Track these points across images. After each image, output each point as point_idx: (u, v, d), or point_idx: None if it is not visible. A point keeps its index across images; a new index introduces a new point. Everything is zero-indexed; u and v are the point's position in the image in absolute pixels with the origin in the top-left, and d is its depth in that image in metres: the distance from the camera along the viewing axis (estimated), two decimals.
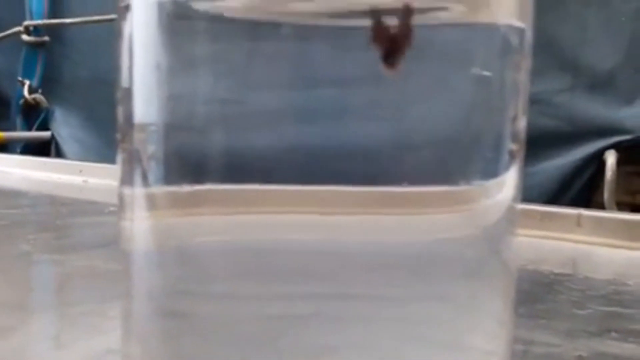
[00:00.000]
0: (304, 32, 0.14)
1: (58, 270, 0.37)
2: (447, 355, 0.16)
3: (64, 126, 1.12)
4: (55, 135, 1.13)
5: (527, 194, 0.20)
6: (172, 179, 0.15)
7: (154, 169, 0.15)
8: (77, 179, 0.63)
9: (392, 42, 0.14)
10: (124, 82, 0.16)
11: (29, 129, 1.14)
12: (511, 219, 0.16)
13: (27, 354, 0.25)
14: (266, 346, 0.15)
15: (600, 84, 0.73)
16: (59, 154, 1.11)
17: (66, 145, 1.11)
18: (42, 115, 1.14)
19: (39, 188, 0.62)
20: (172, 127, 0.15)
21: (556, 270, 0.39)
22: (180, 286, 0.15)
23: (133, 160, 0.15)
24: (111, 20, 0.16)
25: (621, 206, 0.73)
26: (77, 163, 0.73)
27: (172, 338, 0.15)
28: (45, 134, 1.12)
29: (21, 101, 1.13)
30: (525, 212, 0.42)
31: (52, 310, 0.31)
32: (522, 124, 0.17)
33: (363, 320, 0.15)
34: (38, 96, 1.13)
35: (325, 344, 0.15)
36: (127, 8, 0.16)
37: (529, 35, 0.17)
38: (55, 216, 0.53)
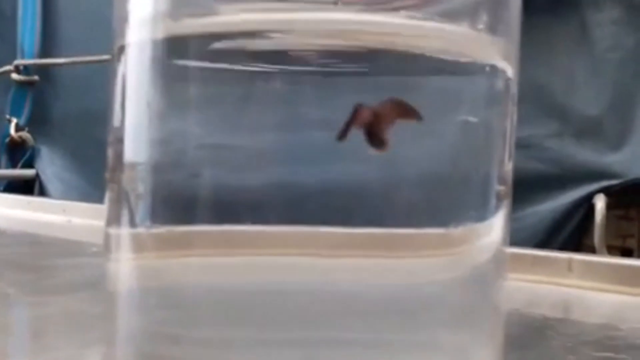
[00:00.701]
0: (293, 77, 0.15)
1: (38, 313, 0.36)
2: None
3: (49, 165, 1.11)
4: (40, 173, 1.12)
5: (517, 237, 0.20)
6: (160, 220, 0.15)
7: (142, 209, 0.15)
8: (60, 219, 0.63)
9: (373, 126, 0.14)
10: (116, 121, 0.16)
11: (14, 166, 1.13)
12: (500, 262, 0.16)
13: None
14: None
15: (588, 130, 0.74)
16: (43, 192, 1.10)
17: (50, 184, 1.10)
18: (28, 153, 1.13)
19: (21, 227, 0.61)
20: (162, 167, 0.15)
21: (547, 315, 0.38)
22: (165, 330, 0.15)
23: (121, 200, 0.16)
24: (102, 61, 0.17)
25: (611, 250, 0.73)
26: (61, 202, 0.72)
27: None
28: (30, 171, 1.11)
29: (7, 139, 1.12)
30: (516, 256, 0.42)
31: (31, 356, 0.30)
32: (509, 167, 0.17)
33: None
34: (24, 134, 1.13)
35: None
36: (122, 49, 0.16)
37: (514, 80, 0.17)
38: (37, 256, 0.53)
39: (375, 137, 0.14)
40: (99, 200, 0.17)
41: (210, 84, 0.15)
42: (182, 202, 0.15)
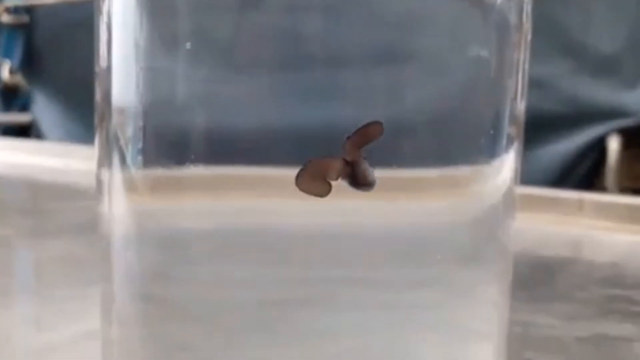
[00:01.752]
0: (293, 5, 0.14)
1: (38, 254, 0.37)
2: (442, 338, 0.16)
3: (45, 109, 1.10)
4: (36, 118, 1.11)
5: (529, 178, 0.20)
6: (152, 162, 0.15)
7: (133, 152, 0.15)
8: (58, 162, 0.63)
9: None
10: (102, 61, 0.16)
11: (8, 112, 1.12)
12: (509, 202, 0.16)
13: (8, 338, 0.25)
14: (253, 331, 0.15)
15: (604, 68, 0.72)
16: (39, 137, 1.09)
17: (47, 128, 1.09)
18: (23, 99, 1.12)
19: (19, 171, 0.61)
20: (152, 108, 0.15)
21: (557, 254, 0.39)
22: (160, 270, 0.15)
23: (111, 143, 0.15)
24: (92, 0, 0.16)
25: (624, 190, 0.73)
26: (59, 146, 0.72)
27: (152, 322, 0.15)
28: (25, 116, 1.10)
29: (0, 84, 1.11)
30: (527, 196, 0.42)
31: (33, 295, 0.31)
32: (521, 106, 0.16)
33: (359, 304, 0.15)
34: (18, 78, 1.11)
35: (320, 328, 0.15)
36: None
37: (528, 15, 0.16)
38: (36, 200, 0.53)
39: (360, 184, 0.14)
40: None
41: (201, 20, 0.15)
42: (174, 143, 0.15)
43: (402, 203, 0.15)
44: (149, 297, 0.15)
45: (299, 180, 0.14)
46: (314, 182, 0.14)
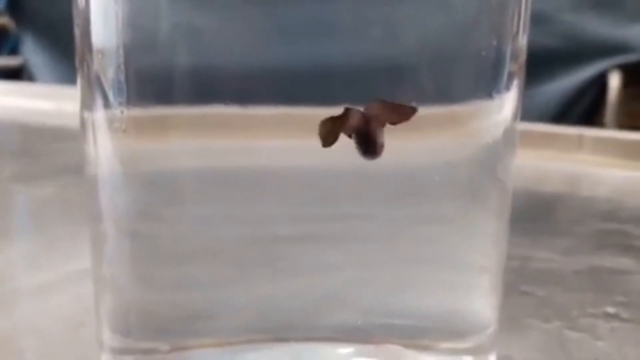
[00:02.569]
0: None
1: (33, 195, 0.37)
2: (441, 271, 0.16)
3: (35, 52, 1.07)
4: (26, 61, 1.08)
5: (528, 115, 0.19)
6: (135, 102, 0.14)
7: (116, 92, 0.14)
8: (49, 105, 0.62)
9: (365, 131, 0.13)
10: (80, 1, 0.15)
11: None
12: (510, 140, 0.16)
13: (5, 277, 0.25)
14: (247, 267, 0.15)
15: (607, 1, 0.71)
16: (31, 81, 1.07)
17: (38, 71, 1.07)
18: (11, 42, 1.09)
19: (11, 114, 0.61)
20: (133, 47, 0.14)
21: (556, 190, 0.39)
22: (148, 209, 0.15)
23: (93, 84, 0.15)
24: None
25: (623, 128, 0.72)
26: (49, 88, 0.71)
27: (141, 259, 0.15)
28: (15, 60, 1.08)
29: None
30: (526, 132, 0.42)
31: (29, 235, 0.31)
32: (523, 41, 0.16)
33: (359, 239, 0.15)
34: (5, 20, 1.08)
35: (315, 263, 0.15)
36: None
37: None
38: (28, 143, 0.53)
39: (368, 144, 0.13)
40: None
41: None
42: (157, 83, 0.14)
43: (403, 141, 0.15)
44: (138, 235, 0.15)
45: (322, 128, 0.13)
46: (329, 136, 0.13)
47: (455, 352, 0.16)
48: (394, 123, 0.13)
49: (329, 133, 0.13)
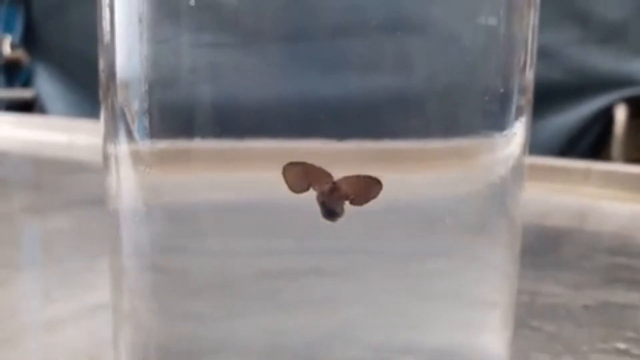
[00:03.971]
0: None
1: (46, 228, 0.37)
2: (450, 307, 0.16)
3: (48, 83, 1.07)
4: (39, 93, 1.09)
5: (534, 149, 0.19)
6: (159, 135, 0.15)
7: (140, 126, 0.15)
8: (63, 138, 0.62)
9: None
10: (105, 35, 0.16)
11: (11, 87, 1.10)
12: (518, 174, 0.16)
13: (17, 310, 0.25)
14: (262, 300, 0.15)
15: (611, 36, 0.71)
16: (43, 113, 1.07)
17: (50, 103, 1.07)
18: (25, 74, 1.10)
19: (24, 147, 0.61)
20: (157, 82, 0.15)
21: (563, 224, 0.39)
22: (170, 243, 0.15)
23: (117, 117, 0.15)
24: None
25: (630, 161, 0.72)
26: (63, 121, 0.71)
27: (163, 293, 0.15)
28: (28, 92, 1.08)
29: (1, 59, 1.09)
30: (533, 166, 0.42)
31: (41, 267, 0.31)
32: (530, 75, 0.16)
33: (365, 274, 0.15)
34: (19, 53, 1.10)
35: (326, 297, 0.15)
36: None
37: None
38: (42, 175, 0.53)
39: (328, 212, 0.14)
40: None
41: None
42: (181, 117, 0.14)
43: (411, 174, 0.15)
44: (158, 268, 0.15)
45: (285, 171, 0.14)
46: (296, 180, 0.14)
47: None
48: (359, 199, 0.14)
49: (295, 182, 0.14)
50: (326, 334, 0.15)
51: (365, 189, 0.14)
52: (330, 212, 0.14)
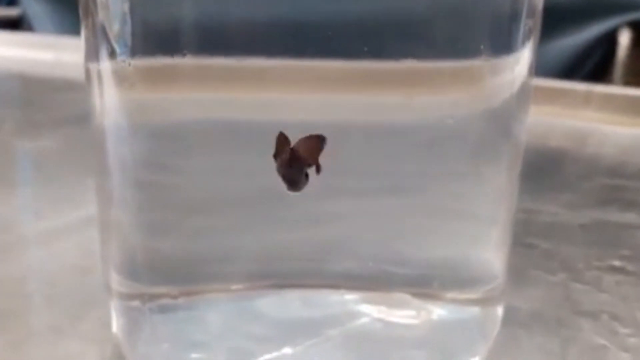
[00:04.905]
0: None
1: (36, 146, 0.37)
2: (450, 222, 0.16)
3: (33, 2, 1.04)
4: (25, 12, 1.06)
5: (536, 71, 0.19)
6: (141, 53, 0.14)
7: (122, 43, 0.14)
8: (48, 55, 0.61)
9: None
10: None
11: None
12: (524, 96, 0.16)
13: (8, 225, 0.25)
14: (253, 215, 0.15)
15: None
16: (30, 31, 1.04)
17: (37, 22, 1.04)
18: None
19: (10, 65, 0.60)
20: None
21: (562, 145, 0.38)
22: (156, 160, 0.15)
23: (98, 35, 0.14)
24: None
25: (633, 86, 0.71)
26: (49, 38, 0.69)
27: (147, 208, 0.15)
28: (14, 10, 1.05)
29: None
30: (534, 88, 0.41)
31: (32, 185, 0.31)
32: None
33: (367, 191, 0.15)
34: None
35: (329, 212, 0.15)
36: None
37: None
38: (28, 93, 0.53)
39: (291, 182, 0.14)
40: None
41: None
42: (163, 34, 0.14)
43: (417, 96, 0.14)
44: (144, 184, 0.15)
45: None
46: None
47: (463, 303, 0.16)
48: (312, 159, 0.14)
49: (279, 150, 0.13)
50: (323, 247, 0.15)
51: (315, 148, 0.14)
52: (293, 182, 0.14)
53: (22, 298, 0.20)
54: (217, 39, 0.13)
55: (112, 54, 0.14)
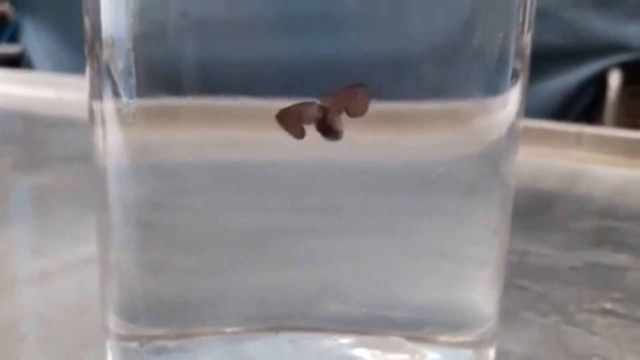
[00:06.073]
0: None
1: (35, 182, 0.37)
2: (442, 264, 0.16)
3: (35, 39, 1.05)
4: (26, 49, 1.07)
5: (527, 112, 0.19)
6: (145, 93, 0.15)
7: (126, 83, 0.14)
8: (49, 93, 0.62)
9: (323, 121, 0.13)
10: None
11: None
12: (513, 137, 0.16)
13: (7, 263, 0.26)
14: (250, 256, 0.15)
15: (607, 0, 0.71)
16: (30, 69, 1.05)
17: (37, 59, 1.05)
18: (11, 29, 1.08)
19: (9, 103, 0.60)
20: (143, 38, 0.14)
21: (554, 187, 0.39)
22: (156, 199, 0.15)
23: (102, 74, 0.15)
24: None
25: (623, 128, 0.72)
26: (49, 76, 0.70)
27: (147, 248, 0.15)
28: (14, 47, 1.06)
29: None
30: (525, 129, 0.42)
31: (31, 221, 0.31)
32: (527, 38, 0.16)
33: (357, 231, 0.15)
34: (4, 7, 1.07)
35: (316, 253, 0.15)
36: None
37: None
38: (28, 131, 0.53)
39: (328, 134, 0.14)
40: None
41: None
42: (167, 74, 0.14)
43: (406, 136, 0.15)
44: (145, 224, 0.15)
45: (278, 120, 0.14)
46: (290, 126, 0.14)
47: (456, 346, 0.16)
48: (353, 109, 0.14)
49: (290, 125, 0.14)
50: (316, 290, 0.15)
51: (353, 97, 0.14)
52: (331, 131, 0.14)
53: (16, 339, 0.20)
54: (218, 80, 0.14)
55: (116, 94, 0.15)
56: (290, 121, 0.14)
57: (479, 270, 0.17)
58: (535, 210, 0.34)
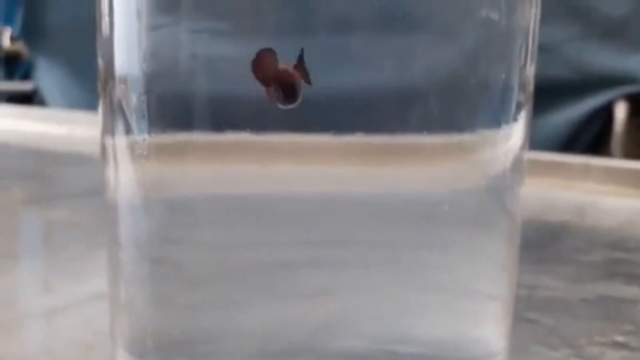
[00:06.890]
0: None
1: (45, 218, 0.37)
2: (449, 299, 0.16)
3: (48, 76, 1.07)
4: (39, 86, 1.09)
5: (534, 144, 0.19)
6: (157, 129, 0.15)
7: (138, 119, 0.15)
8: (61, 129, 0.62)
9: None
10: (104, 30, 0.16)
11: (11, 80, 1.10)
12: (518, 170, 0.16)
13: (16, 299, 0.26)
14: (259, 290, 0.15)
15: (612, 32, 0.71)
16: (43, 106, 1.07)
17: (50, 96, 1.07)
18: (25, 66, 1.10)
19: (24, 139, 0.61)
20: (156, 76, 0.15)
21: (563, 219, 0.39)
22: (166, 234, 0.15)
23: (115, 111, 0.15)
24: None
25: (630, 159, 0.72)
26: (62, 112, 0.71)
27: (159, 284, 0.15)
28: (28, 84, 1.08)
29: (1, 52, 1.08)
30: (533, 161, 0.42)
31: (40, 257, 0.31)
32: (530, 71, 0.16)
33: (363, 265, 0.15)
34: (19, 45, 1.09)
35: (323, 287, 0.15)
36: None
37: None
38: (40, 167, 0.54)
39: (289, 93, 0.14)
40: None
41: None
42: (178, 110, 0.15)
43: (410, 169, 0.15)
44: (156, 260, 0.15)
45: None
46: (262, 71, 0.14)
47: None
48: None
49: (262, 69, 0.14)
50: (323, 324, 0.15)
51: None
52: (292, 88, 0.14)
53: None
54: (226, 116, 0.14)
55: (128, 130, 0.15)
56: (262, 65, 0.14)
57: (488, 305, 0.16)
58: (544, 243, 0.34)
